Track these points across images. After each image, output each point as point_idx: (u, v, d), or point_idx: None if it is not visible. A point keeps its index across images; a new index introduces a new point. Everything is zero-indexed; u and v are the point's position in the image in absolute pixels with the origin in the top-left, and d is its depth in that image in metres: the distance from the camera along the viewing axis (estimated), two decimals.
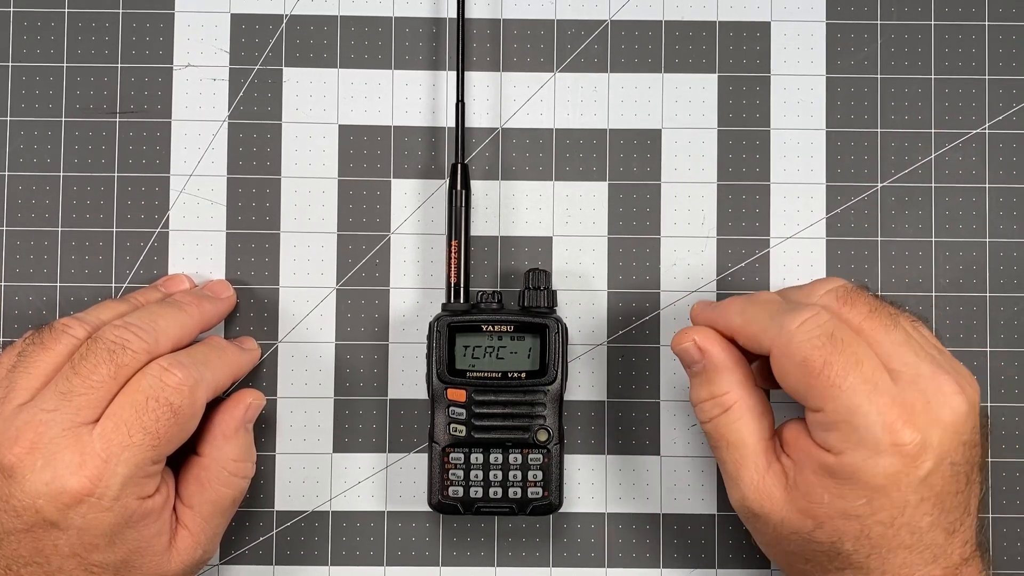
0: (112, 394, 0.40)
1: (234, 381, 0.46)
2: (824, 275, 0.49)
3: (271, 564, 0.48)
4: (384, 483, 0.48)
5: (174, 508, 0.43)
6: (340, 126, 0.49)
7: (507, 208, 0.49)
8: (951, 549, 0.39)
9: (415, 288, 0.49)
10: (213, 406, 0.44)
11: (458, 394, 0.45)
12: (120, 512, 0.39)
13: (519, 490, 0.45)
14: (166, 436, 0.40)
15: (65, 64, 0.49)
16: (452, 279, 0.47)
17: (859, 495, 0.38)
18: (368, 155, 0.49)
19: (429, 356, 0.46)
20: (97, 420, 0.40)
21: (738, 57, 0.50)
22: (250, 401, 0.45)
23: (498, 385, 0.45)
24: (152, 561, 0.41)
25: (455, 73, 0.48)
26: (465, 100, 0.48)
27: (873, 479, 0.37)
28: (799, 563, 0.41)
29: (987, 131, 0.49)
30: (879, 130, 0.49)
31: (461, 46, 0.48)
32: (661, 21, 0.50)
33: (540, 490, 0.45)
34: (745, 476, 0.40)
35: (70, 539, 0.39)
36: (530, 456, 0.45)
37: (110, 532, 0.39)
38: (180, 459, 0.44)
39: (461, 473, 0.45)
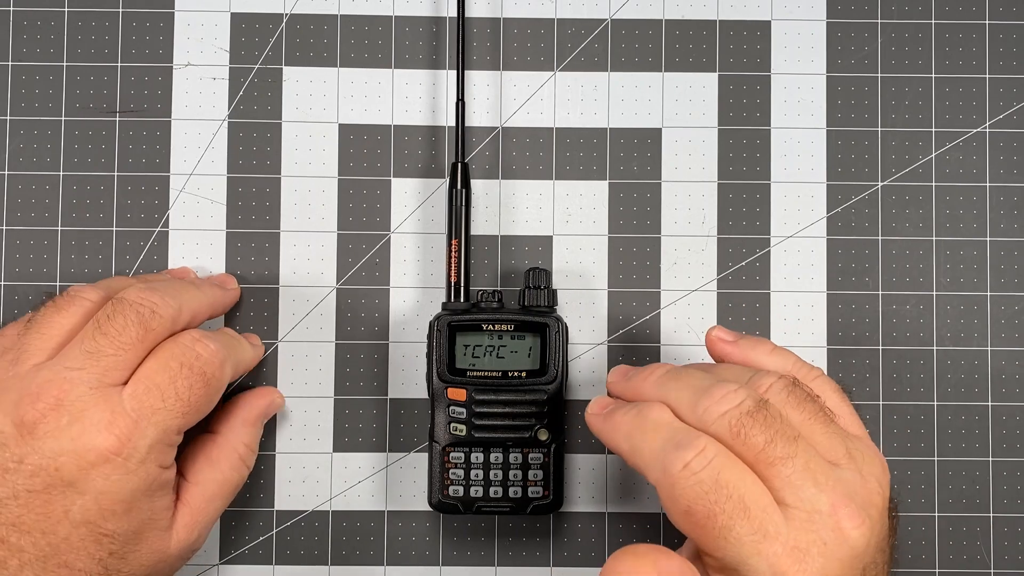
0: (139, 358, 0.40)
1: (241, 375, 0.47)
2: (824, 274, 0.49)
3: (271, 564, 0.48)
4: (384, 483, 0.48)
5: (176, 486, 0.43)
6: (340, 125, 0.49)
7: (507, 207, 0.49)
8: None
9: (415, 287, 0.49)
10: (232, 395, 0.45)
11: (458, 393, 0.45)
12: (143, 478, 0.39)
13: (519, 489, 0.45)
14: (196, 404, 0.40)
15: (65, 64, 0.49)
16: (452, 278, 0.47)
17: None
18: (368, 154, 0.49)
19: (429, 355, 0.46)
20: (124, 383, 0.39)
21: (738, 56, 0.50)
22: (274, 397, 0.47)
23: (498, 384, 0.45)
24: (156, 537, 0.41)
25: (455, 72, 0.48)
26: (465, 99, 0.48)
27: None
28: None
29: (987, 130, 0.49)
30: (879, 129, 0.49)
31: (461, 45, 0.48)
32: (661, 20, 0.50)
33: (540, 489, 0.45)
34: None
35: (86, 503, 0.38)
36: (530, 455, 0.45)
37: (129, 498, 0.39)
38: (186, 439, 0.44)
39: (461, 472, 0.45)
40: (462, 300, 0.47)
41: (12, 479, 0.38)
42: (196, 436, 0.44)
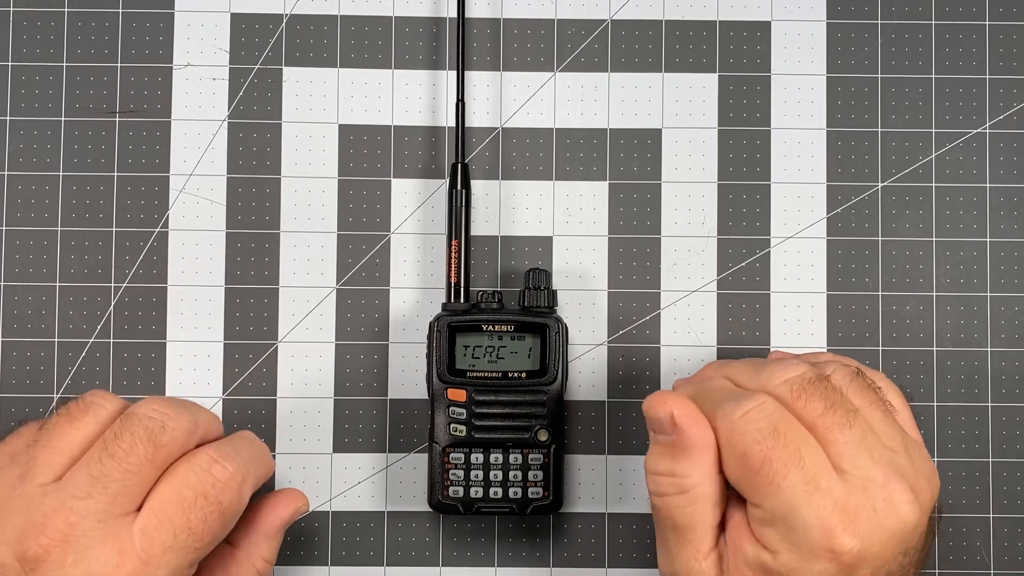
0: (151, 480, 0.37)
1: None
2: (824, 274, 0.49)
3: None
4: (384, 483, 0.48)
5: None
6: (340, 126, 0.49)
7: (507, 208, 0.49)
8: None
9: (415, 288, 0.49)
10: (253, 498, 0.41)
11: (458, 394, 0.45)
12: None
13: (519, 490, 0.45)
14: (210, 537, 0.37)
15: (65, 64, 0.49)
16: (452, 279, 0.47)
17: None
18: (368, 155, 0.49)
19: (429, 356, 0.46)
20: (137, 510, 0.36)
21: (738, 57, 0.50)
22: (299, 505, 0.43)
23: (498, 385, 0.45)
24: None
25: (455, 73, 0.48)
26: (465, 100, 0.48)
27: None
28: None
29: (987, 131, 0.49)
30: (879, 130, 0.49)
31: (461, 46, 0.48)
32: (661, 20, 0.50)
33: (540, 490, 0.45)
34: (683, 557, 0.38)
35: None
36: (530, 456, 0.45)
37: None
38: None
39: (461, 473, 0.45)
40: (462, 301, 0.47)
41: None
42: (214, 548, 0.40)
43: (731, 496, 0.39)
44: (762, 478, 0.36)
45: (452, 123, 0.48)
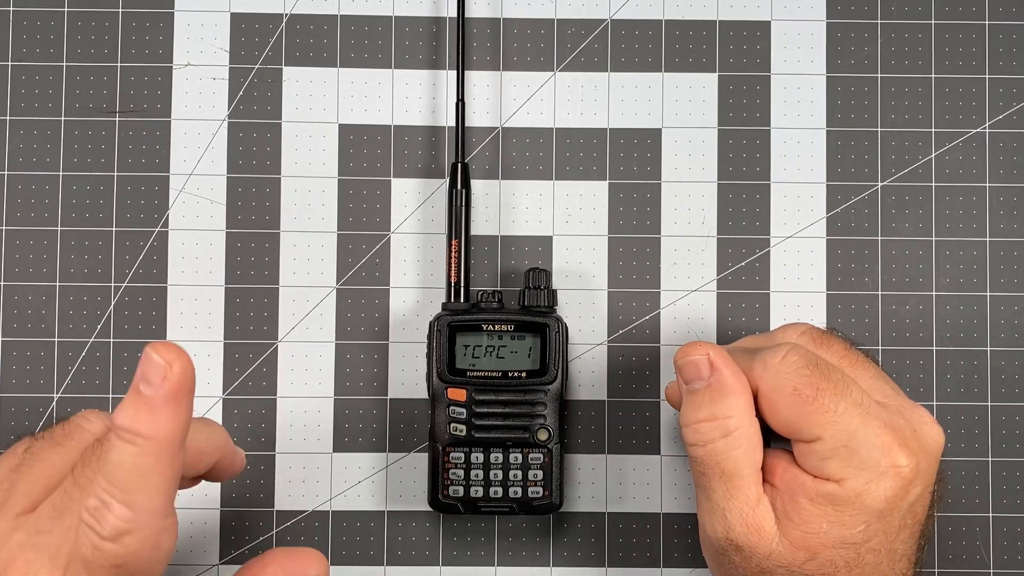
0: None
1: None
2: (824, 274, 0.49)
3: None
4: (384, 483, 0.48)
5: None
6: (340, 125, 0.49)
7: (507, 207, 0.49)
8: None
9: (415, 287, 0.49)
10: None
11: (458, 393, 0.45)
12: None
13: (519, 489, 0.45)
14: (134, 569, 0.33)
15: (65, 64, 0.49)
16: (452, 278, 0.47)
17: (859, 521, 0.37)
18: (368, 154, 0.49)
19: (429, 355, 0.46)
20: None
21: (738, 56, 0.50)
22: (314, 573, 0.37)
23: (498, 384, 0.45)
24: None
25: (455, 72, 0.48)
26: (465, 99, 0.48)
27: (875, 503, 0.37)
28: None
29: (987, 130, 0.49)
30: (879, 129, 0.49)
31: (461, 45, 0.48)
32: (661, 20, 0.50)
33: (540, 490, 0.45)
34: (735, 507, 0.38)
35: None
36: (530, 455, 0.45)
37: None
38: None
39: (461, 472, 0.45)
40: (462, 300, 0.47)
41: None
42: None
43: (767, 451, 0.40)
44: (818, 407, 0.37)
45: (452, 123, 0.48)
